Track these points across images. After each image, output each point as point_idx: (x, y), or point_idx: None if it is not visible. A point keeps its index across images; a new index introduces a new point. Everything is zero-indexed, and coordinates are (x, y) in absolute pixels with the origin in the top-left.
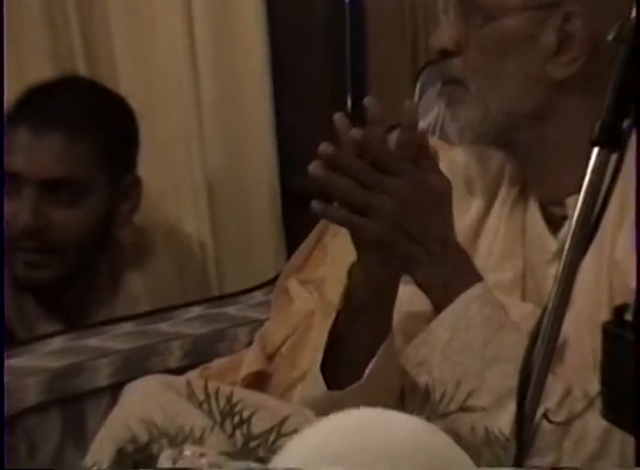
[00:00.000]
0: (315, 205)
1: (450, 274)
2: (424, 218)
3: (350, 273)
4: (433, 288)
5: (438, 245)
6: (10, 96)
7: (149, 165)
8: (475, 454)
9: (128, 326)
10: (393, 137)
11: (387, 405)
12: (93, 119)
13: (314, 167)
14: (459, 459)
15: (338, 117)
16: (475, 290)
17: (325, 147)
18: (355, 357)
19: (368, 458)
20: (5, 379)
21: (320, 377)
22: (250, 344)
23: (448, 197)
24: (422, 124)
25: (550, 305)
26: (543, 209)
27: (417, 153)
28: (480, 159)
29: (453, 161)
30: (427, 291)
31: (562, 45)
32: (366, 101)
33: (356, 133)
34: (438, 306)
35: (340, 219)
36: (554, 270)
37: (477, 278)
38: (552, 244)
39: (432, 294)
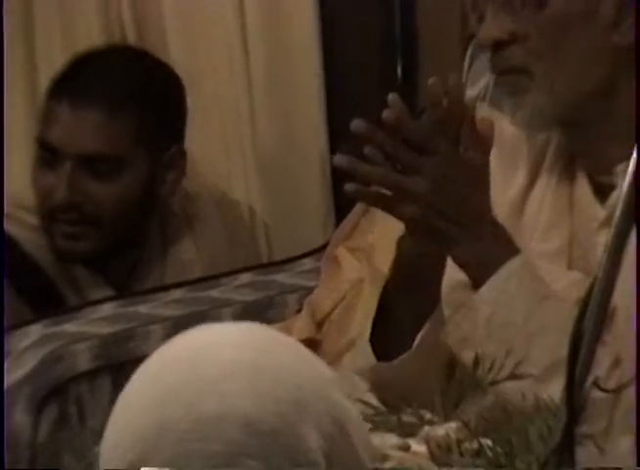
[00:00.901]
0: (349, 186)
1: (488, 251)
2: (459, 197)
3: (399, 245)
4: (471, 266)
5: (475, 223)
6: (57, 66)
7: (199, 133)
8: (525, 421)
9: (179, 293)
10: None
11: (435, 375)
12: (138, 92)
13: (338, 159)
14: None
15: (392, 97)
16: (514, 263)
17: (357, 123)
18: (404, 328)
19: (197, 391)
20: (56, 344)
21: (369, 348)
22: (299, 311)
23: (486, 172)
24: (472, 92)
25: (600, 274)
26: (590, 178)
27: (457, 129)
28: (526, 132)
29: (501, 130)
30: (465, 269)
31: (620, 12)
32: (430, 82)
33: (389, 115)
34: (478, 283)
35: (373, 202)
36: (601, 239)
37: (515, 251)
38: (600, 212)
39: (470, 271)
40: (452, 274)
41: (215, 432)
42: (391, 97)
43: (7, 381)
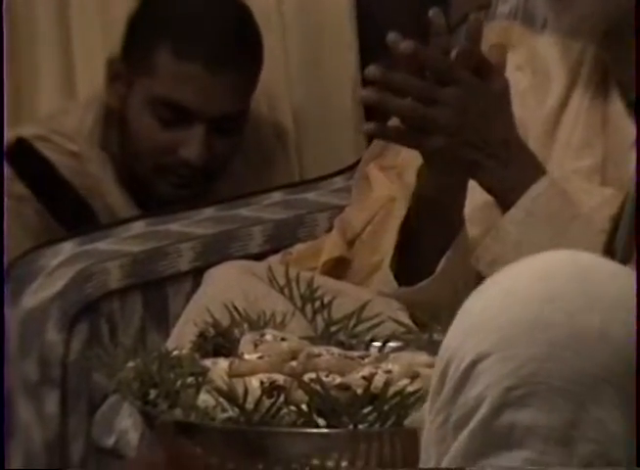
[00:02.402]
0: (368, 126)
1: (515, 174)
2: (484, 125)
3: (419, 174)
4: (499, 191)
5: (501, 148)
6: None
7: None
8: None
9: (210, 211)
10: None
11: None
12: (258, 53)
13: (367, 93)
14: None
15: (433, 12)
16: (541, 185)
17: (372, 69)
18: (427, 254)
19: (583, 303)
20: (88, 262)
21: (390, 274)
22: (330, 229)
23: (507, 97)
24: (503, 8)
25: (633, 190)
26: (624, 95)
27: (475, 63)
28: (561, 46)
29: (534, 48)
30: (493, 192)
31: None
32: (431, 13)
33: (407, 46)
34: (506, 206)
35: (396, 139)
36: (635, 156)
37: (542, 173)
38: (633, 129)
39: (498, 195)
40: (477, 196)
41: (592, 350)
42: (433, 12)
43: (38, 298)
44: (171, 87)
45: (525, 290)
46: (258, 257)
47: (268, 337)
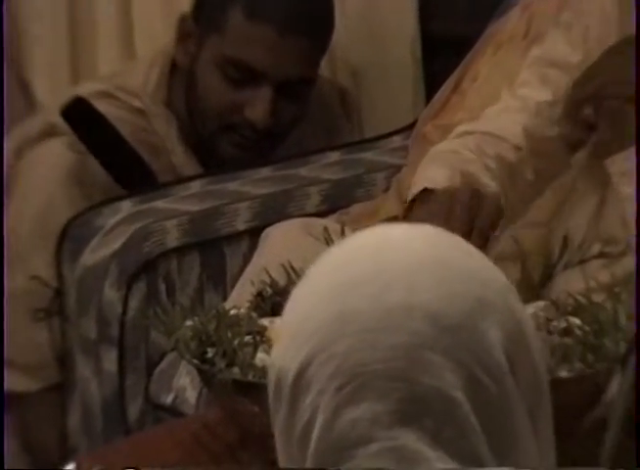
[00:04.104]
0: None
1: None
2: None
3: None
4: None
5: None
6: None
7: None
8: (613, 300)
9: (267, 171)
10: None
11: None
12: (330, 21)
13: None
14: (485, 274)
15: None
16: None
17: None
18: None
19: (383, 282)
20: (146, 221)
21: None
22: (387, 189)
23: None
24: None
25: None
26: None
27: None
28: None
29: None
30: None
31: None
32: None
33: None
34: None
35: None
36: None
37: None
38: None
39: None
40: None
41: (401, 323)
42: None
43: (97, 257)
44: (241, 47)
45: (326, 286)
46: (315, 216)
47: None
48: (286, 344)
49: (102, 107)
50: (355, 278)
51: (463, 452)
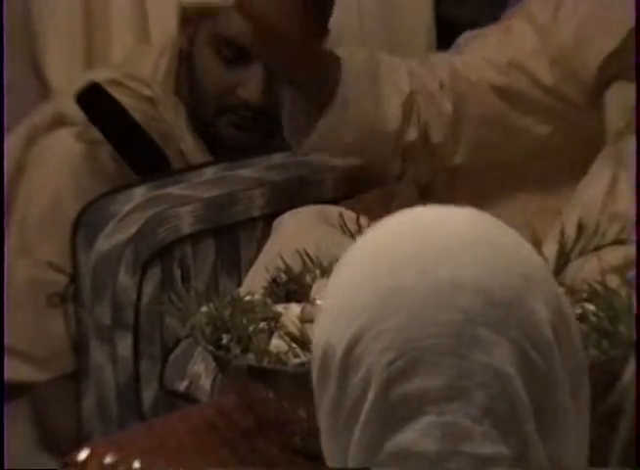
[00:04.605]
0: None
1: None
2: None
3: None
4: None
5: None
6: None
7: None
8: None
9: (280, 157)
10: None
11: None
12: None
13: None
14: (527, 256)
15: None
16: None
17: None
18: None
19: (431, 259)
20: (160, 207)
21: None
22: (400, 176)
23: None
24: None
25: None
26: None
27: None
28: None
29: None
30: None
31: None
32: None
33: None
34: None
35: None
36: None
37: None
38: None
39: None
40: None
41: (450, 299)
42: None
43: (111, 242)
44: (230, 25)
45: (372, 261)
46: (330, 203)
47: None
48: (332, 320)
49: (113, 95)
50: (401, 256)
51: (510, 429)
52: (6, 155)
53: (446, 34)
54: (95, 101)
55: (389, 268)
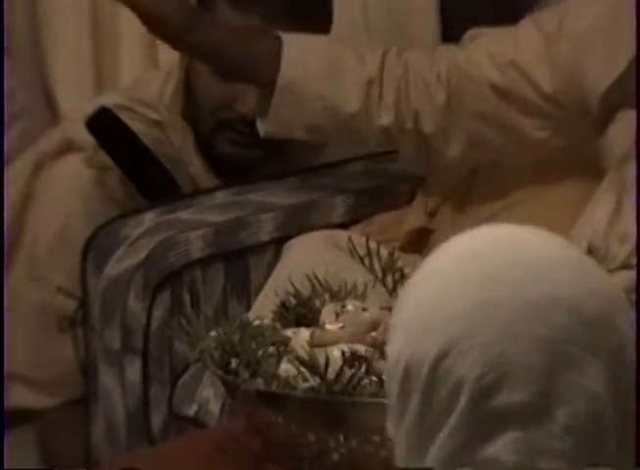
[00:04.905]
0: None
1: None
2: None
3: None
4: None
5: None
6: None
7: None
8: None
9: (291, 181)
10: None
11: None
12: (322, 12)
13: None
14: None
15: None
16: None
17: None
18: None
19: (523, 274)
20: (170, 232)
21: None
22: (411, 199)
23: None
24: None
25: None
26: None
27: None
28: None
29: None
30: None
31: None
32: None
33: None
34: None
35: None
36: None
37: None
38: None
39: None
40: None
41: (542, 316)
42: None
43: (121, 267)
44: None
45: (459, 275)
46: (339, 227)
47: (350, 307)
48: (416, 332)
49: (123, 120)
50: (492, 270)
51: (592, 448)
52: (14, 181)
53: (452, 31)
54: (105, 126)
55: (481, 282)
